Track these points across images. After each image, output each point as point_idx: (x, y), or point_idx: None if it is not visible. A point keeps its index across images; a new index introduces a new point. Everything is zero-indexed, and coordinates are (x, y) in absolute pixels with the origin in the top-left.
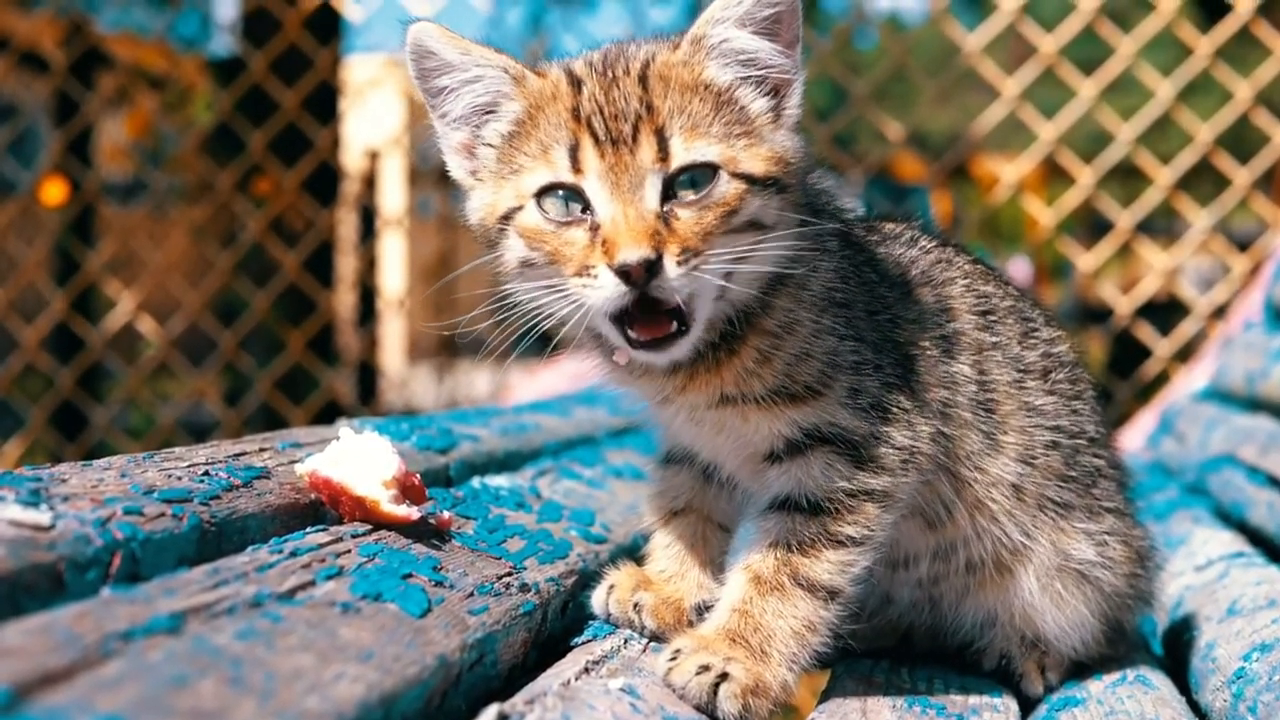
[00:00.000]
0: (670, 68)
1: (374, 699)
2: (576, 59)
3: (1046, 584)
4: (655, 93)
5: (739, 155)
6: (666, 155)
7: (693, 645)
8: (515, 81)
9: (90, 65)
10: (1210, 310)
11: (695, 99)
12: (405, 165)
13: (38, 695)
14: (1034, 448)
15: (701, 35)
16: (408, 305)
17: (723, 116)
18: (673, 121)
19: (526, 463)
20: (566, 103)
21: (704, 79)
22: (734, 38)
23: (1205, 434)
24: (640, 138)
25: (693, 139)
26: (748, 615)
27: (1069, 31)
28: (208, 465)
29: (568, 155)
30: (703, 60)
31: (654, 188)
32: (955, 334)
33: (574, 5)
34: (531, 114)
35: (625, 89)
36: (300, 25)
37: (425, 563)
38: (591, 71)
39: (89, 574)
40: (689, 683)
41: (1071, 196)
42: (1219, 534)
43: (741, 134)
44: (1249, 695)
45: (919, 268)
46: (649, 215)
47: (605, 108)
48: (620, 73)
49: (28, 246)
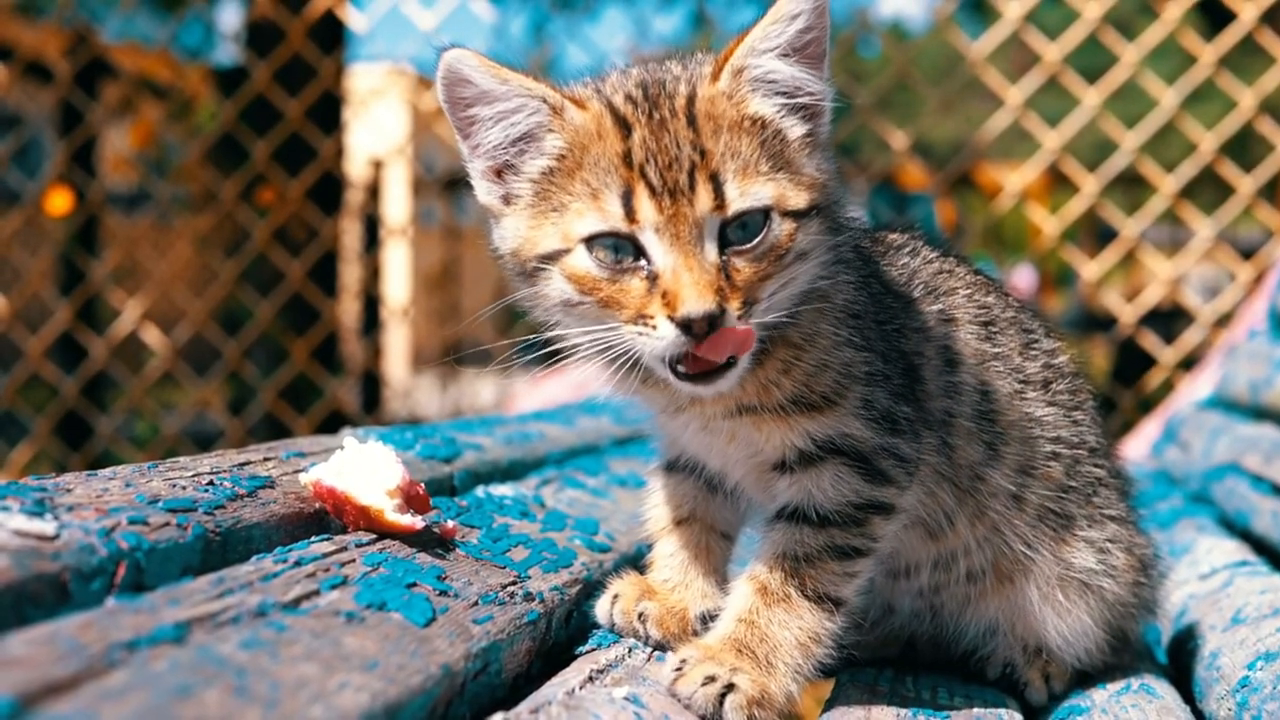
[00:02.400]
0: (715, 104)
1: (378, 708)
2: (612, 84)
3: (1048, 593)
4: (705, 134)
5: (787, 192)
6: (723, 203)
7: (699, 655)
8: (555, 113)
9: (94, 75)
10: (1214, 318)
11: (743, 136)
12: (409, 174)
13: (43, 705)
14: (1034, 458)
15: (743, 67)
16: (412, 314)
17: (768, 150)
18: (726, 166)
19: (530, 472)
20: (615, 146)
21: (749, 114)
22: (776, 69)
23: (1209, 442)
24: (697, 187)
25: (747, 183)
26: (754, 625)
27: (1073, 40)
28: (212, 475)
29: (621, 203)
30: (746, 94)
31: (712, 237)
32: (958, 344)
33: (577, 13)
34: (575, 151)
35: (676, 132)
36: (304, 35)
37: (429, 572)
38: (636, 111)
39: (94, 584)
40: (695, 693)
41: (1075, 205)
42: (1223, 542)
43: (784, 166)
44: (1253, 704)
45: (921, 278)
46: (711, 269)
47: (659, 155)
48: (667, 113)
49: (32, 256)
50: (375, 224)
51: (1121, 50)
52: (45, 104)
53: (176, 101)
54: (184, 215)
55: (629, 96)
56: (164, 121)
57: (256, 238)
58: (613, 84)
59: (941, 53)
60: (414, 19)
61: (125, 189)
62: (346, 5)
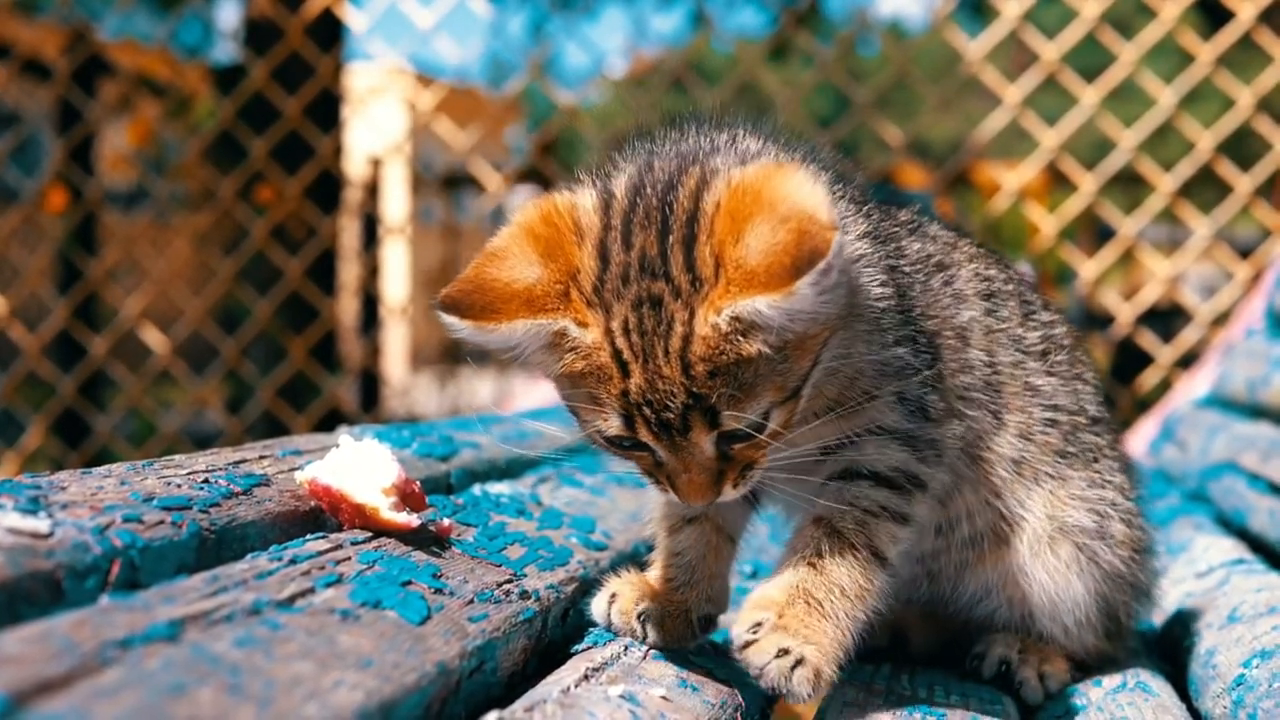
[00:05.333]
0: (710, 346)
1: (373, 706)
2: (604, 301)
3: (1039, 550)
4: (699, 378)
5: (786, 381)
6: (718, 425)
7: (772, 620)
8: (559, 336)
9: (92, 73)
10: (1212, 317)
11: (739, 369)
12: (407, 172)
13: (36, 703)
14: (1033, 425)
15: (743, 316)
16: (410, 313)
17: (767, 366)
18: (720, 400)
19: (527, 470)
20: (616, 385)
21: (747, 353)
22: (784, 324)
23: (1206, 441)
24: (691, 426)
25: (742, 407)
26: (820, 570)
27: (1071, 39)
28: (207, 473)
29: (624, 422)
30: (747, 339)
31: (709, 444)
32: (969, 320)
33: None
34: (580, 363)
35: (669, 377)
36: (302, 32)
37: (425, 570)
38: (631, 350)
39: (88, 582)
40: (768, 664)
41: (1074, 203)
42: (1220, 541)
43: (784, 354)
44: (1249, 702)
45: (932, 253)
46: (707, 467)
47: (653, 399)
48: (660, 358)
49: (30, 254)
50: (374, 222)
51: (1120, 49)
52: (43, 102)
53: (175, 99)
54: (182, 213)
55: (626, 326)
56: (162, 119)
57: (255, 236)
58: (611, 310)
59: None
60: (412, 17)
61: (123, 187)
62: (345, 3)
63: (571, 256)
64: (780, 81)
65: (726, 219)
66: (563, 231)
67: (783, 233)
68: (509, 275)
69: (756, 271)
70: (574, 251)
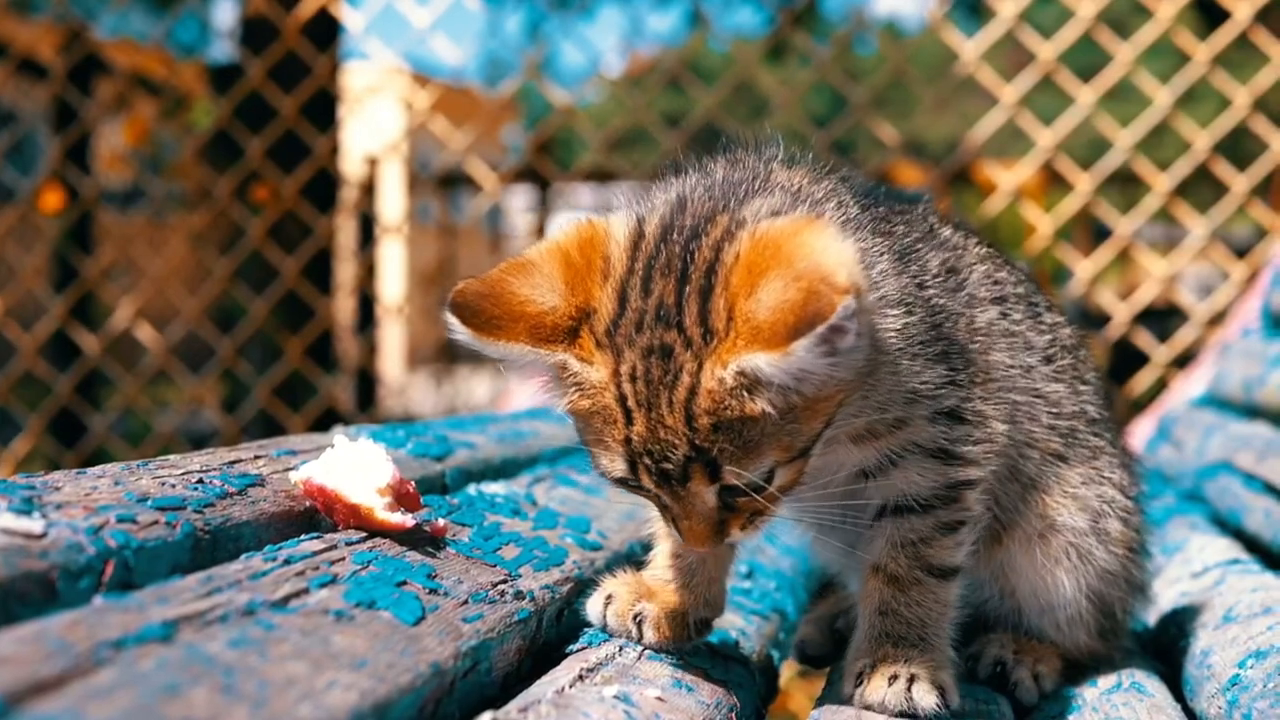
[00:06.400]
0: (715, 400)
1: (367, 707)
2: (615, 345)
3: (1029, 546)
4: (701, 432)
5: (793, 441)
6: (718, 479)
7: (868, 661)
8: (560, 369)
9: (89, 72)
10: (1208, 317)
11: (743, 426)
12: (404, 172)
13: (29, 704)
14: (1035, 430)
15: (750, 371)
16: (407, 312)
17: (771, 425)
18: (722, 455)
19: (523, 470)
20: (620, 430)
21: (752, 411)
22: (787, 383)
23: (1202, 441)
24: (691, 478)
25: (744, 464)
26: (896, 614)
27: (1067, 38)
28: (202, 473)
29: (627, 467)
30: (751, 396)
31: (711, 496)
32: (986, 325)
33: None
34: (585, 402)
35: (672, 428)
36: (299, 32)
37: (419, 570)
38: (636, 398)
39: (81, 582)
40: (886, 696)
41: (1070, 203)
42: (1215, 541)
43: (794, 415)
44: (1244, 702)
45: (947, 259)
46: (709, 517)
47: (654, 449)
48: (665, 408)
49: (26, 253)
50: (370, 222)
51: (1116, 49)
52: (39, 101)
53: (171, 98)
54: (178, 212)
55: (633, 374)
56: (158, 118)
57: (251, 235)
58: (621, 350)
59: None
60: (409, 17)
61: (119, 186)
62: (341, 3)
63: (593, 294)
64: (777, 81)
65: (744, 272)
66: (593, 264)
67: (793, 290)
68: (526, 294)
69: (762, 327)
70: (596, 291)
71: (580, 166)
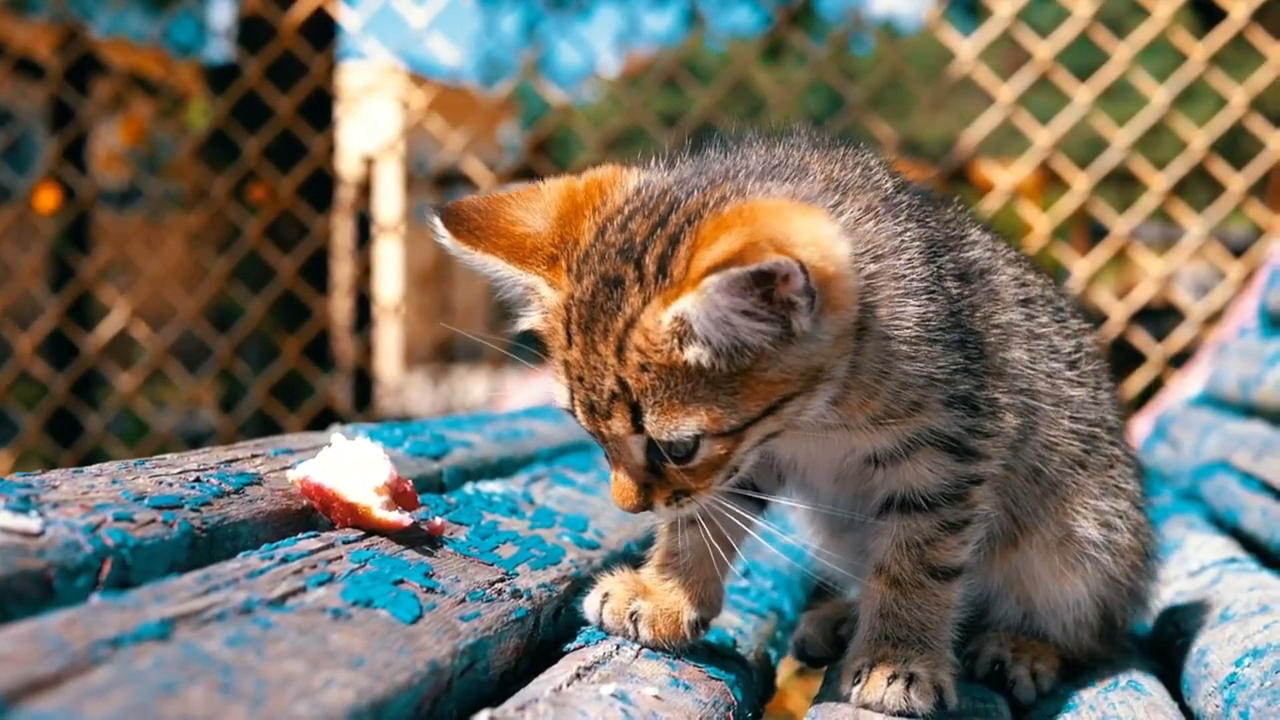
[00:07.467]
0: (649, 340)
1: (364, 705)
2: (579, 272)
3: (1046, 554)
4: (630, 368)
5: (725, 416)
6: (641, 429)
7: (868, 661)
8: (533, 290)
9: (85, 71)
10: (1205, 316)
11: (674, 374)
12: (401, 171)
13: (26, 702)
14: (1059, 435)
15: (686, 316)
16: (404, 311)
17: (705, 380)
18: (646, 400)
19: (520, 469)
20: (562, 353)
21: (680, 360)
22: (707, 330)
23: (1199, 440)
24: (613, 414)
25: (668, 417)
26: (896, 617)
27: (1064, 38)
28: (199, 472)
29: (568, 395)
30: (683, 345)
31: (638, 446)
32: (1006, 324)
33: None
34: (546, 325)
35: (603, 357)
36: (296, 31)
37: (417, 569)
38: (579, 321)
39: (79, 580)
40: (884, 695)
41: (1067, 202)
42: (1212, 540)
43: (727, 390)
44: (1241, 700)
45: (978, 258)
46: (634, 474)
47: (584, 375)
48: (599, 335)
49: (23, 253)
50: (367, 221)
51: (1113, 48)
52: (36, 100)
53: (168, 98)
54: (175, 212)
55: (580, 302)
56: (155, 118)
57: (248, 235)
58: (584, 268)
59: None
60: (406, 16)
61: (116, 186)
62: (338, 2)
63: (580, 227)
64: (774, 80)
65: (712, 225)
66: (593, 202)
67: (738, 242)
68: (518, 215)
69: (699, 271)
70: (583, 224)
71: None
